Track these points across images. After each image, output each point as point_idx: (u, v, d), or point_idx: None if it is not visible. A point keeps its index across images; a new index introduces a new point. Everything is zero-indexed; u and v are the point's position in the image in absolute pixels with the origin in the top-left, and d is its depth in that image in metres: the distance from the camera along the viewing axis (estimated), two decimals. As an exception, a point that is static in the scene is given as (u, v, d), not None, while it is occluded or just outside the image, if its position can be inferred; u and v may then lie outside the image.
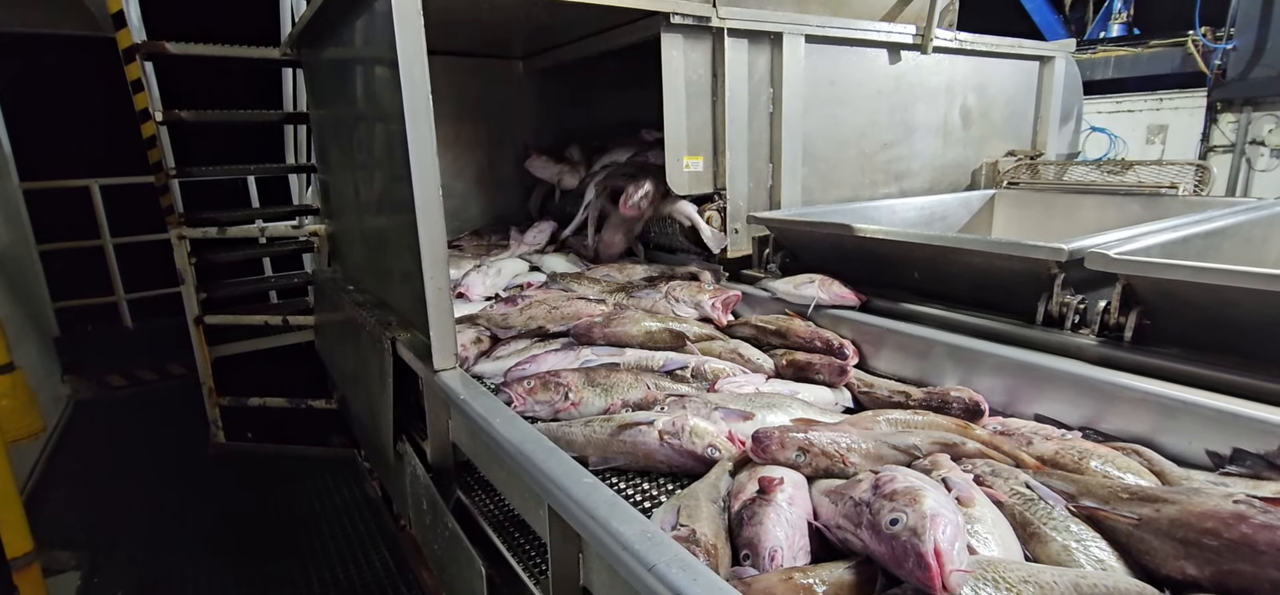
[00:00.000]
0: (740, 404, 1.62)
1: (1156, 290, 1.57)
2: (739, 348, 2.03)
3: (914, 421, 1.48)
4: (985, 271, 1.92)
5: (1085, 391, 1.52)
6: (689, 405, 1.61)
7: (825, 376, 1.86)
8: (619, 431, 1.49)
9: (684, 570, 0.94)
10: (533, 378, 1.78)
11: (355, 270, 3.11)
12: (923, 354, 1.85)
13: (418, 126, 1.68)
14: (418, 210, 1.71)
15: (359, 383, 2.67)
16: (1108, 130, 7.04)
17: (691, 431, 1.44)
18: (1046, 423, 1.55)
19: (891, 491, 1.02)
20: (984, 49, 3.30)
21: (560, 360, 1.99)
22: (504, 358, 2.09)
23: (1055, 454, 1.33)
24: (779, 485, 1.19)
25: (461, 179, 3.70)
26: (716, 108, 2.55)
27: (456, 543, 1.73)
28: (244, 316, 4.69)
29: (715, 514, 1.20)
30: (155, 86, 4.15)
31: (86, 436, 4.68)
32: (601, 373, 1.82)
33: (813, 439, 1.30)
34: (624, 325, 2.11)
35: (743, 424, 1.53)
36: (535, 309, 2.26)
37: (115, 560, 3.50)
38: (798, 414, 1.59)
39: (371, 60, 2.07)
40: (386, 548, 3.55)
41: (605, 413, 1.68)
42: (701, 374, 1.89)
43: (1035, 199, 3.25)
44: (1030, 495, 1.16)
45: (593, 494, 1.16)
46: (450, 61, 3.48)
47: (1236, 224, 2.19)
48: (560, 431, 1.56)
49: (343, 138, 2.75)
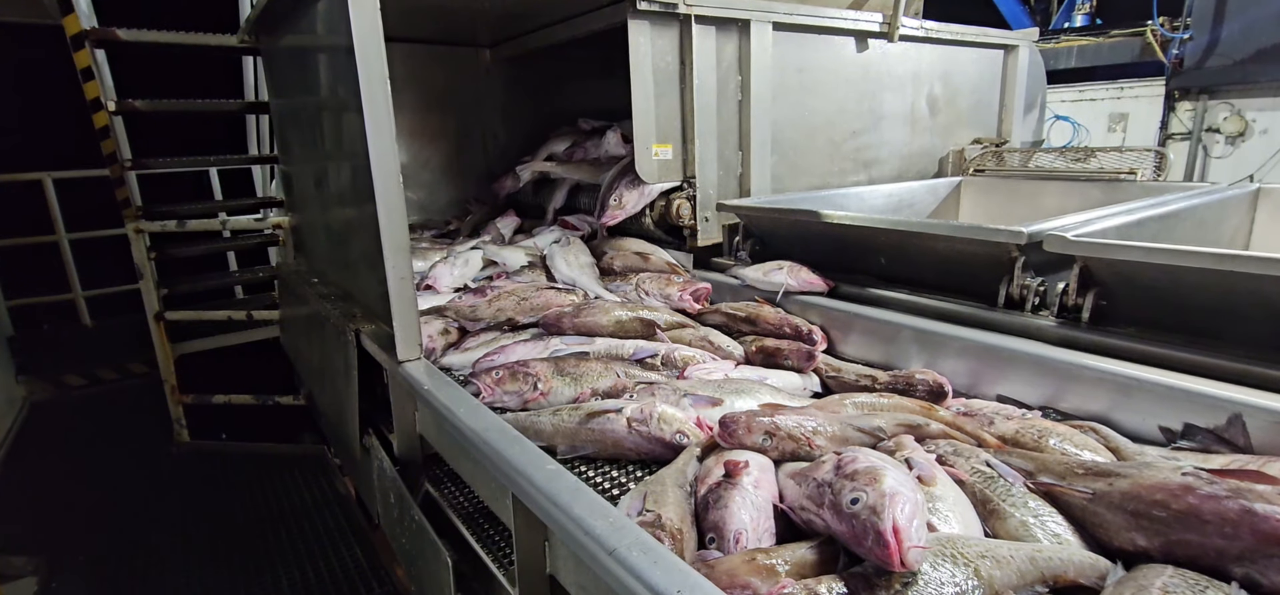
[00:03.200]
0: (709, 390, 1.62)
1: (1112, 271, 1.61)
2: (709, 335, 2.03)
3: (879, 404, 1.49)
4: (948, 256, 1.95)
5: (1045, 372, 1.55)
6: (658, 393, 1.60)
7: (794, 362, 1.86)
8: (587, 420, 1.49)
9: (644, 553, 0.94)
10: (500, 368, 1.76)
11: (319, 262, 3.04)
12: (889, 338, 1.88)
13: (376, 112, 1.64)
14: (378, 198, 1.67)
15: (324, 377, 2.62)
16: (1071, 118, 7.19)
17: (660, 418, 1.44)
18: (1008, 403, 1.57)
19: (852, 472, 1.03)
20: (950, 37, 3.34)
21: (529, 350, 1.97)
22: (472, 349, 2.06)
23: (1016, 433, 1.35)
24: (744, 468, 1.19)
25: (428, 169, 3.64)
26: (685, 95, 2.54)
27: (423, 535, 1.71)
28: (207, 313, 4.57)
29: (681, 498, 1.19)
30: (108, 75, 4.02)
31: (43, 439, 4.53)
32: (571, 362, 1.80)
33: (779, 422, 1.30)
34: (594, 315, 2.10)
35: (711, 410, 1.52)
36: (504, 300, 2.23)
37: (74, 565, 3.40)
38: (766, 399, 1.60)
39: (329, 46, 2.02)
40: (358, 545, 3.50)
41: (575, 402, 1.67)
42: (671, 361, 1.88)
43: (1000, 186, 3.30)
44: (990, 473, 1.18)
45: (555, 480, 1.15)
46: (414, 49, 3.41)
47: (1191, 207, 2.24)
48: (528, 421, 1.54)
49: (303, 127, 2.68)
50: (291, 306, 3.45)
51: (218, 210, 4.51)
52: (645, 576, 0.89)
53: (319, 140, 2.41)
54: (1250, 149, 5.92)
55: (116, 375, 5.13)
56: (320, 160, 2.48)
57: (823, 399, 1.64)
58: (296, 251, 3.74)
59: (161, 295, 4.32)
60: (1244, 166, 5.89)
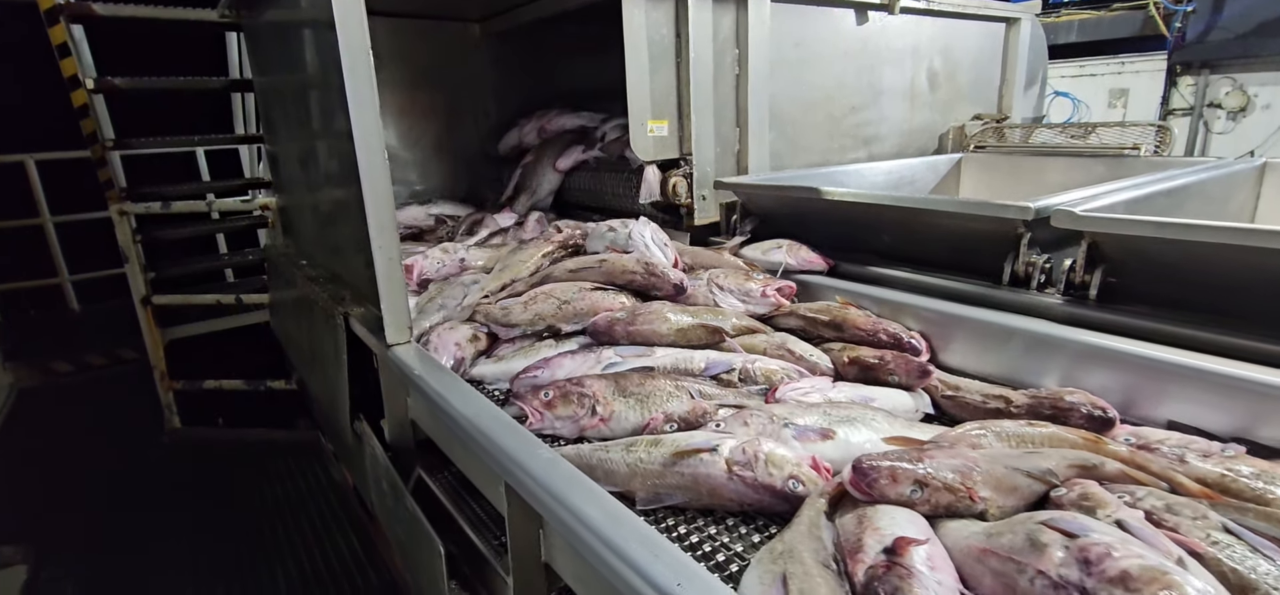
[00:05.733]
0: (813, 418, 1.32)
1: (1122, 247, 1.56)
2: (788, 342, 1.73)
3: (1030, 435, 1.21)
4: (953, 232, 1.90)
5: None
6: (751, 420, 1.32)
7: (900, 377, 1.55)
8: (674, 462, 1.19)
9: (645, 545, 0.90)
10: (550, 388, 1.50)
11: (308, 245, 2.98)
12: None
13: (359, 89, 1.57)
14: (363, 178, 1.61)
15: (315, 362, 2.57)
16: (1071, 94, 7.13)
17: (767, 461, 1.15)
18: (1185, 431, 1.27)
19: (1116, 573, 0.76)
20: (951, 10, 3.27)
21: (579, 364, 1.67)
22: (507, 358, 1.81)
23: (1221, 478, 1.05)
24: (914, 546, 0.91)
25: (418, 148, 3.56)
26: (680, 70, 2.47)
27: (416, 524, 1.67)
28: (195, 297, 4.50)
29: (832, 582, 0.91)
30: (87, 52, 3.91)
31: (31, 425, 4.48)
32: (633, 379, 1.51)
33: (931, 469, 1.03)
34: (651, 321, 1.78)
35: (821, 444, 1.25)
36: (542, 303, 1.92)
37: (64, 553, 3.37)
38: (885, 429, 1.30)
39: (310, 21, 1.95)
40: (354, 533, 3.47)
41: (645, 429, 1.40)
42: (751, 376, 1.60)
43: (1001, 162, 3.25)
44: (1230, 542, 0.88)
45: (551, 469, 1.11)
46: (400, 23, 3.30)
47: (1198, 182, 2.20)
48: (595, 459, 1.25)
49: (287, 105, 2.60)
50: (281, 290, 3.39)
51: (205, 191, 4.43)
52: (645, 570, 0.85)
53: (304, 119, 2.34)
54: (1252, 124, 5.88)
55: (105, 361, 5.06)
56: (305, 140, 2.41)
57: (956, 429, 1.28)
58: (284, 233, 3.66)
59: (149, 279, 4.25)
60: (1246, 142, 5.85)
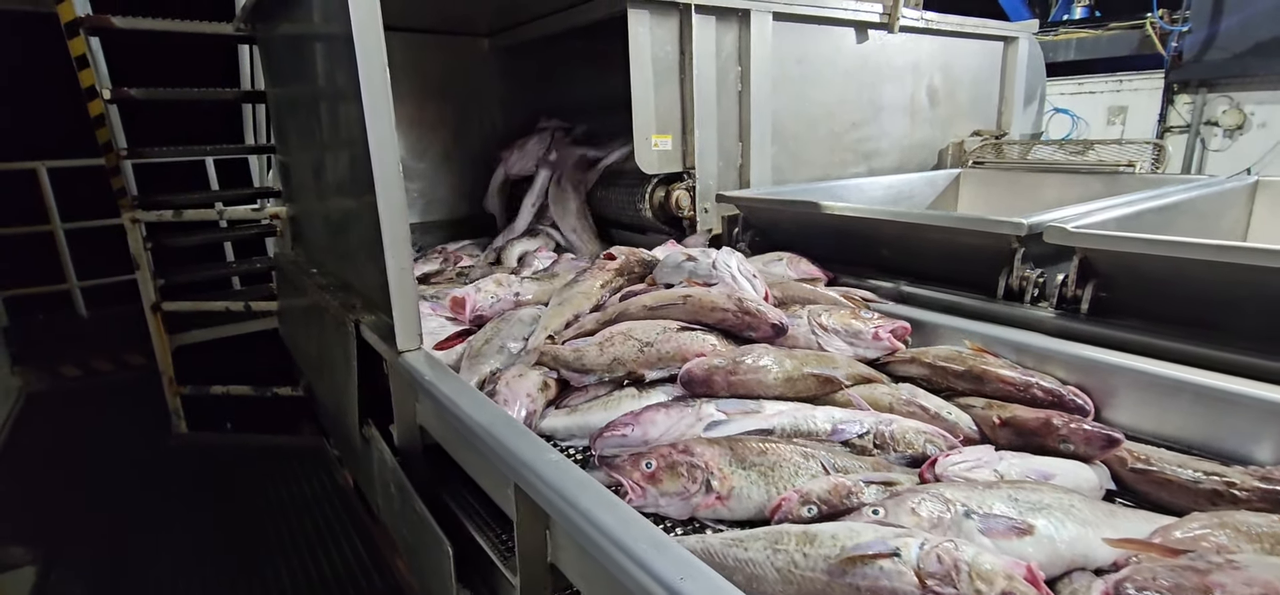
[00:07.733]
0: (999, 504, 1.05)
1: (1112, 262, 1.61)
2: (917, 396, 1.46)
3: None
4: (948, 246, 1.95)
5: None
6: (920, 508, 1.05)
7: (1076, 446, 1.24)
8: (843, 570, 0.95)
9: (654, 546, 0.94)
10: (653, 456, 1.24)
11: (318, 253, 3.03)
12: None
13: (375, 102, 1.63)
14: (377, 189, 1.66)
15: (323, 368, 2.61)
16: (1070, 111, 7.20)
17: (972, 573, 0.90)
18: None
19: None
20: (949, 29, 3.33)
21: (676, 421, 1.39)
22: (581, 409, 1.54)
23: None
24: None
25: (426, 159, 3.62)
26: (684, 86, 2.53)
27: (424, 526, 1.71)
28: (204, 304, 4.56)
29: None
30: (103, 64, 3.98)
31: (39, 429, 4.52)
32: (752, 446, 1.25)
33: None
34: (756, 371, 1.50)
35: (1021, 544, 1.01)
36: (620, 345, 1.62)
37: (72, 556, 3.40)
38: (1094, 521, 1.04)
39: (326, 35, 2.00)
40: (359, 538, 3.50)
41: (774, 512, 1.15)
42: (887, 442, 1.32)
43: (1000, 178, 3.30)
44: None
45: (560, 472, 1.15)
46: (413, 38, 3.39)
47: (1190, 200, 2.24)
48: (733, 559, 1.00)
49: (300, 116, 2.66)
50: (290, 297, 3.44)
51: (214, 200, 4.50)
52: (652, 567, 0.89)
53: (317, 130, 2.40)
54: (1248, 142, 5.94)
55: (113, 366, 5.12)
56: (318, 150, 2.47)
57: (1180, 521, 1.03)
58: (294, 242, 3.72)
59: (158, 286, 4.31)
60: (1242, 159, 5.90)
